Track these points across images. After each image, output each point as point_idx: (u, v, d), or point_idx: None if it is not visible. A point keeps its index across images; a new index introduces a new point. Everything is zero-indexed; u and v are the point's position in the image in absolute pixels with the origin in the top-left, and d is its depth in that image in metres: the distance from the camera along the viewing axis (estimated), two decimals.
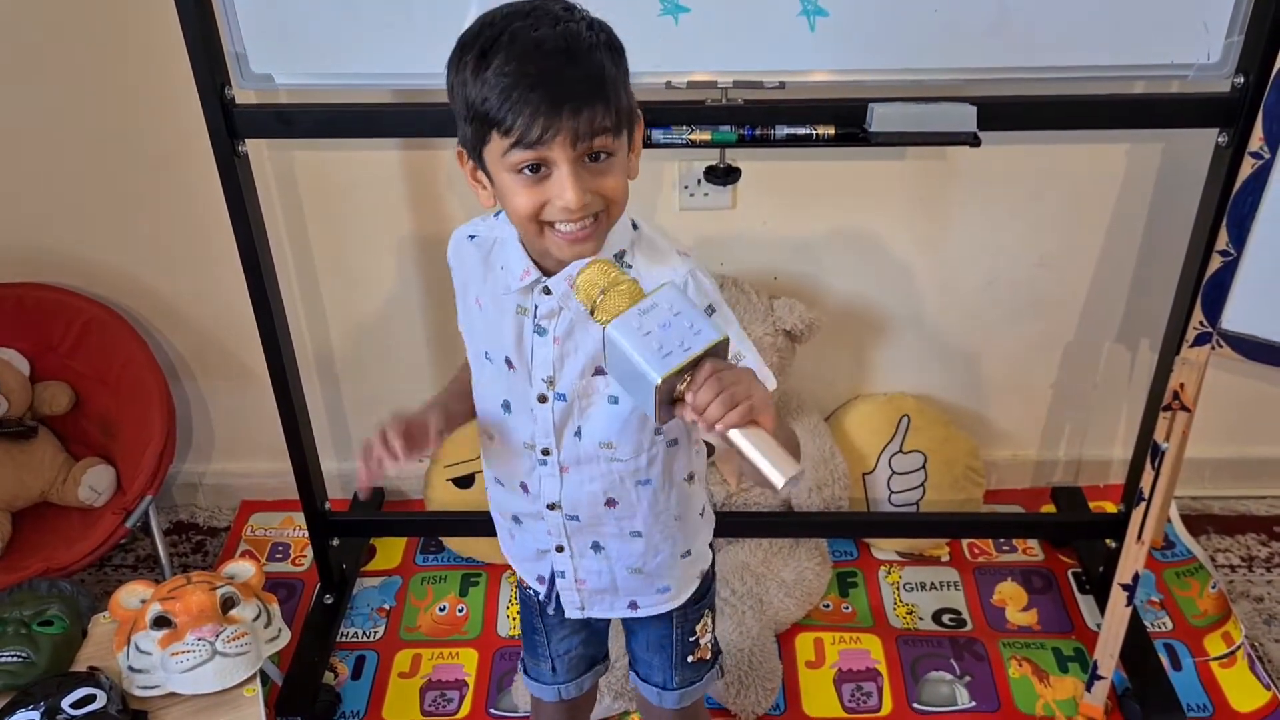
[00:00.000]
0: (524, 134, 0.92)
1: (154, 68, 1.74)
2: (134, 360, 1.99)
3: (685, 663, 1.34)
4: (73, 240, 1.99)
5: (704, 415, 0.87)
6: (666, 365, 0.85)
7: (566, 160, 0.94)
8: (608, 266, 0.94)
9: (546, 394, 1.10)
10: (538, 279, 1.06)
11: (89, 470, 2.00)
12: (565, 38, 0.94)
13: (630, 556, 1.21)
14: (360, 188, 1.90)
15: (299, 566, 2.13)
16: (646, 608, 1.27)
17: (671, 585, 1.26)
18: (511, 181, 0.97)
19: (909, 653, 1.88)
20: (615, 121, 0.96)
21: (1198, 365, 1.58)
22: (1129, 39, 1.48)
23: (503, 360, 1.12)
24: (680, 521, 1.21)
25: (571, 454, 1.13)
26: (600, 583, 1.24)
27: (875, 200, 1.90)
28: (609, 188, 0.98)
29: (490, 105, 0.93)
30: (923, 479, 2.06)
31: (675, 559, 1.24)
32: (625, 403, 1.07)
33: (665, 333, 0.86)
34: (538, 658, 1.40)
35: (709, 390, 0.87)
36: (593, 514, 1.18)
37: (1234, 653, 1.87)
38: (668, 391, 0.87)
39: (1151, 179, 1.87)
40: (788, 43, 1.47)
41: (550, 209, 0.96)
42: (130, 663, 1.56)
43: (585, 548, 1.21)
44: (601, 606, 1.28)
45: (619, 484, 1.15)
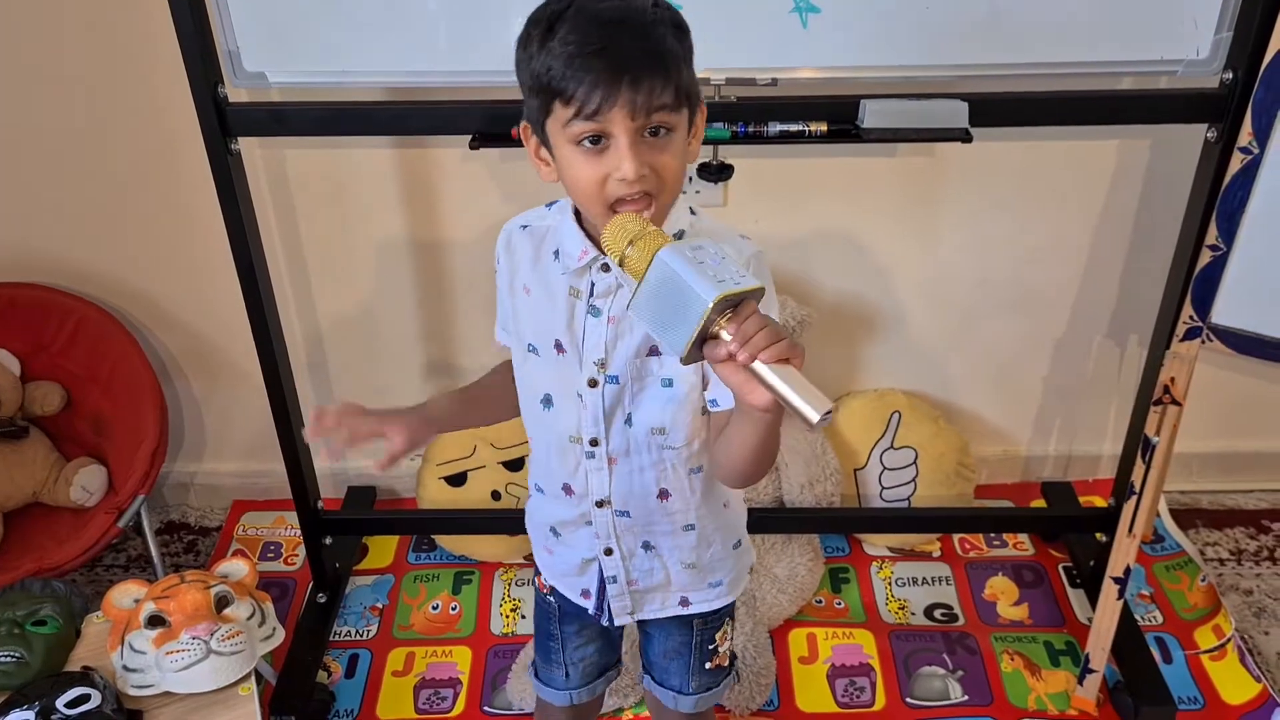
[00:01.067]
0: (584, 103, 0.93)
1: (147, 66, 1.74)
2: (126, 360, 1.98)
3: (703, 669, 1.33)
4: (64, 240, 1.98)
5: (749, 344, 0.86)
6: (721, 288, 0.86)
7: (626, 132, 0.94)
8: (634, 218, 0.93)
9: (597, 378, 1.08)
10: (596, 256, 1.05)
11: (81, 470, 2.00)
12: (627, 11, 0.95)
13: (684, 550, 1.20)
14: (353, 187, 1.90)
15: (291, 566, 2.13)
16: (698, 604, 1.26)
17: (724, 579, 1.25)
18: (572, 154, 0.97)
19: (901, 648, 1.89)
20: (675, 98, 0.96)
21: (1188, 359, 1.60)
22: (1118, 35, 1.49)
23: (551, 346, 1.10)
24: (729, 509, 1.21)
25: (621, 443, 1.11)
26: (652, 580, 1.23)
27: (866, 197, 1.91)
28: (665, 165, 0.97)
29: (554, 75, 0.94)
30: (914, 475, 2.07)
31: (728, 550, 1.23)
32: (680, 384, 1.07)
33: (717, 266, 0.87)
34: (550, 663, 1.38)
35: (756, 322, 0.87)
36: (644, 509, 1.16)
37: (1224, 645, 1.88)
38: (710, 323, 0.87)
39: (1140, 175, 1.88)
40: (780, 40, 1.48)
41: (610, 183, 0.96)
42: (125, 662, 1.56)
43: (636, 547, 1.20)
44: (652, 606, 1.26)
45: (672, 473, 1.13)
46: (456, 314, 2.04)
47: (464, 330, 2.07)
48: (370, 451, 1.16)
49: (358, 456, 2.24)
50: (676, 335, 0.88)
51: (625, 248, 0.91)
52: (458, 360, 2.11)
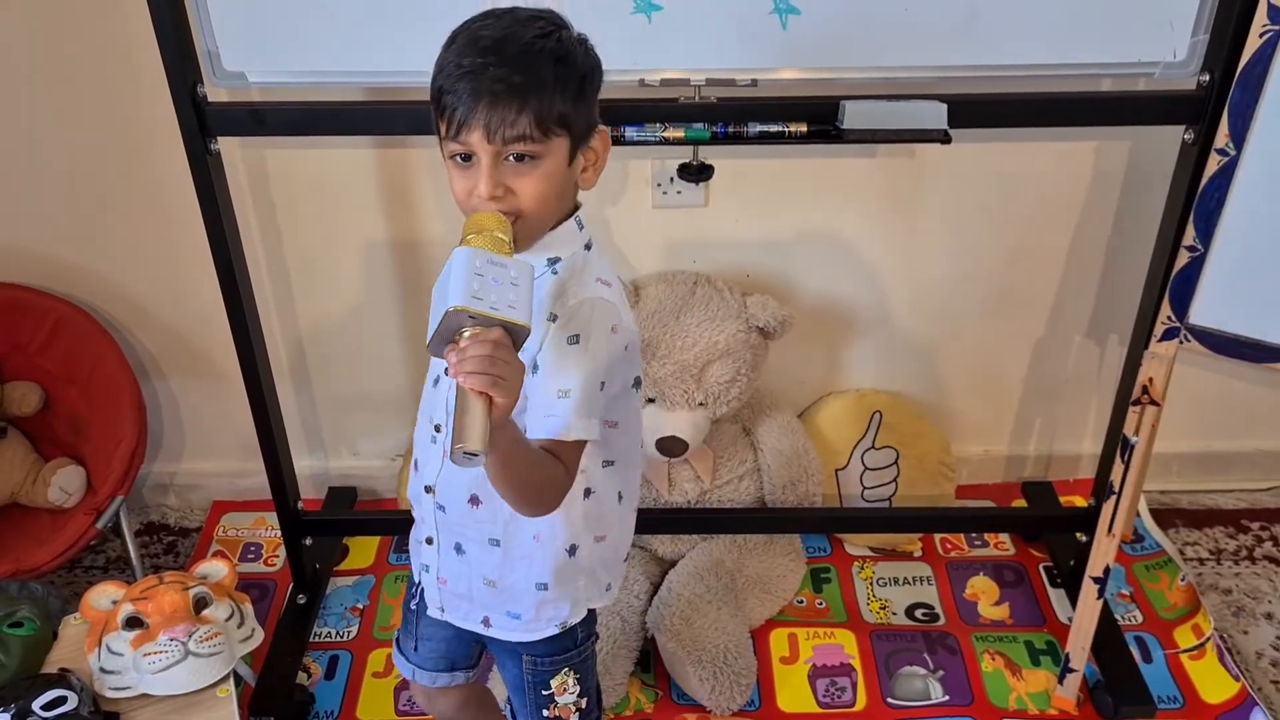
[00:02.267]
0: (449, 121, 0.99)
1: (125, 65, 1.73)
2: (104, 360, 1.97)
3: (541, 715, 1.32)
4: (42, 239, 1.96)
5: (462, 360, 0.91)
6: (472, 304, 0.91)
7: (485, 153, 0.99)
8: (499, 223, 0.99)
9: None
10: None
11: (59, 471, 1.98)
12: (505, 40, 0.99)
13: (487, 565, 1.21)
14: (333, 187, 1.89)
15: (271, 567, 2.12)
16: (497, 628, 1.26)
17: (522, 614, 1.24)
18: (450, 166, 1.04)
19: (883, 648, 1.90)
20: (537, 125, 0.99)
21: (1166, 359, 1.61)
22: (1096, 37, 1.50)
23: None
24: (538, 542, 1.18)
25: None
26: (459, 586, 1.24)
27: (846, 198, 1.92)
28: (525, 189, 1.01)
29: (436, 89, 1.01)
30: (895, 474, 2.08)
31: (529, 586, 1.21)
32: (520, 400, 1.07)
33: (492, 286, 0.92)
34: (406, 632, 1.40)
35: (481, 348, 0.91)
36: (458, 508, 1.18)
37: (1203, 645, 1.89)
38: (454, 326, 0.92)
39: (1119, 176, 1.89)
40: (760, 41, 1.48)
41: (474, 197, 1.02)
42: (102, 664, 1.55)
43: (449, 546, 1.22)
44: (459, 613, 1.28)
45: (482, 480, 1.11)
46: None
47: None
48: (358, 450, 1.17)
49: (342, 458, 2.24)
50: (431, 323, 0.94)
51: (469, 235, 0.98)
52: None
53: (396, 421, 2.18)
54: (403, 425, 2.18)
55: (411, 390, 2.14)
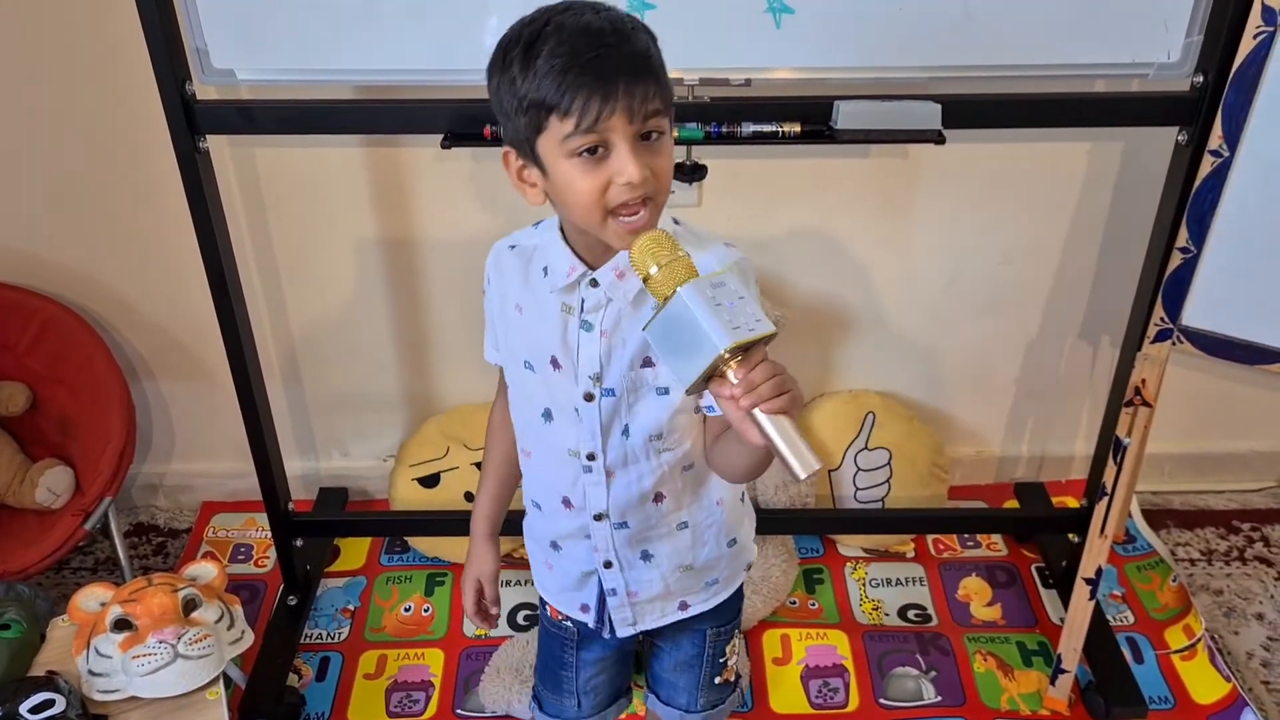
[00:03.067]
0: (582, 114, 0.92)
1: (114, 62, 1.71)
2: (93, 360, 1.96)
3: (712, 684, 1.34)
4: (29, 238, 1.95)
5: (754, 391, 0.88)
6: (734, 336, 0.87)
7: (626, 137, 0.94)
8: (666, 238, 0.93)
9: (593, 391, 1.09)
10: (584, 273, 1.05)
11: (47, 472, 1.97)
12: (610, 20, 0.95)
13: (679, 553, 1.21)
14: (323, 186, 1.88)
15: (262, 568, 2.11)
16: (696, 605, 1.26)
17: (719, 577, 1.26)
18: (570, 168, 0.96)
19: (875, 648, 1.89)
20: (664, 101, 0.96)
21: (1159, 361, 1.61)
22: (1090, 38, 1.49)
23: (547, 362, 1.10)
24: (723, 507, 1.21)
25: (618, 455, 1.12)
26: (651, 590, 1.23)
27: (840, 198, 1.91)
28: (662, 168, 0.97)
29: (545, 92, 0.93)
30: (888, 475, 2.07)
31: (722, 548, 1.23)
32: (676, 391, 1.07)
33: (734, 309, 0.89)
34: (562, 693, 1.36)
35: (764, 371, 0.88)
36: (641, 515, 1.16)
37: (1194, 645, 1.89)
38: (717, 364, 0.89)
39: (1112, 178, 1.89)
40: (754, 40, 1.47)
41: (613, 190, 0.95)
42: (90, 666, 1.54)
43: (635, 558, 1.20)
44: (653, 616, 1.26)
45: (668, 476, 1.14)
46: (429, 313, 2.03)
47: (437, 330, 2.05)
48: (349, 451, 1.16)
49: (333, 459, 2.23)
50: (685, 370, 0.90)
51: (650, 268, 0.92)
52: (430, 360, 2.09)
53: (388, 422, 2.17)
54: (394, 426, 2.17)
55: (403, 390, 2.13)
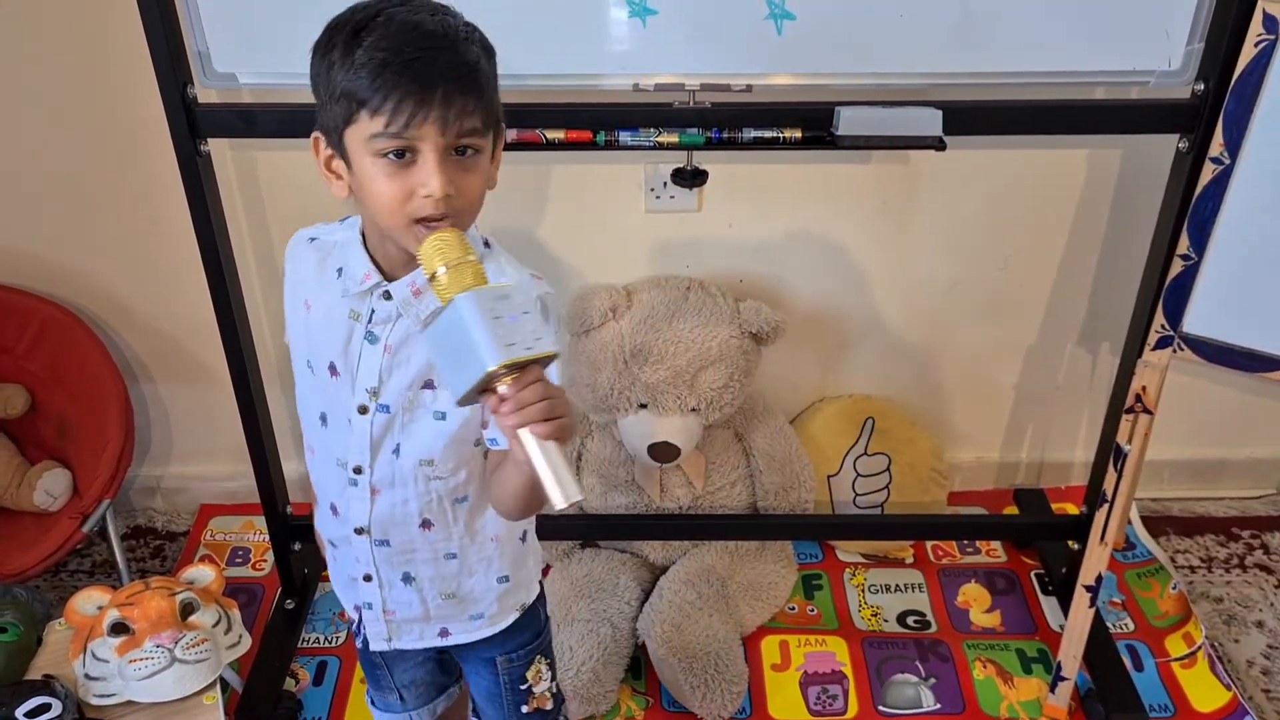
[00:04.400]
0: (393, 114, 0.89)
1: (115, 65, 1.71)
2: (91, 362, 1.96)
3: (520, 713, 1.29)
4: (29, 239, 1.95)
5: (521, 411, 0.86)
6: (508, 354, 0.85)
7: (435, 149, 0.91)
8: (458, 240, 0.90)
9: (368, 405, 1.06)
10: (379, 282, 1.03)
11: (45, 474, 1.97)
12: (443, 24, 0.92)
13: (443, 580, 1.17)
14: (323, 190, 1.86)
15: (259, 571, 2.11)
16: (458, 634, 1.22)
17: (485, 612, 1.21)
18: (374, 168, 0.93)
19: (874, 655, 1.89)
20: (484, 120, 0.94)
21: (1159, 368, 1.60)
22: (1092, 45, 1.49)
23: (325, 367, 1.07)
24: (497, 543, 1.17)
25: (386, 474, 1.08)
26: (410, 612, 1.19)
27: (840, 203, 1.91)
28: (469, 187, 0.95)
29: (360, 84, 0.90)
30: (887, 481, 2.07)
31: (490, 582, 1.19)
32: (453, 419, 1.05)
33: (513, 324, 0.86)
34: (382, 688, 1.34)
35: (534, 392, 0.86)
36: (405, 538, 1.13)
37: (1195, 653, 1.89)
38: (489, 379, 0.86)
39: (1111, 184, 1.89)
40: (755, 46, 1.47)
41: (414, 200, 0.93)
42: (87, 670, 1.53)
43: (395, 578, 1.16)
44: (411, 636, 1.22)
45: (437, 504, 1.10)
46: None
47: None
48: None
49: None
50: (456, 381, 0.88)
51: (438, 267, 0.89)
52: None
53: None
54: None
55: None
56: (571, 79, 1.50)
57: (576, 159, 1.74)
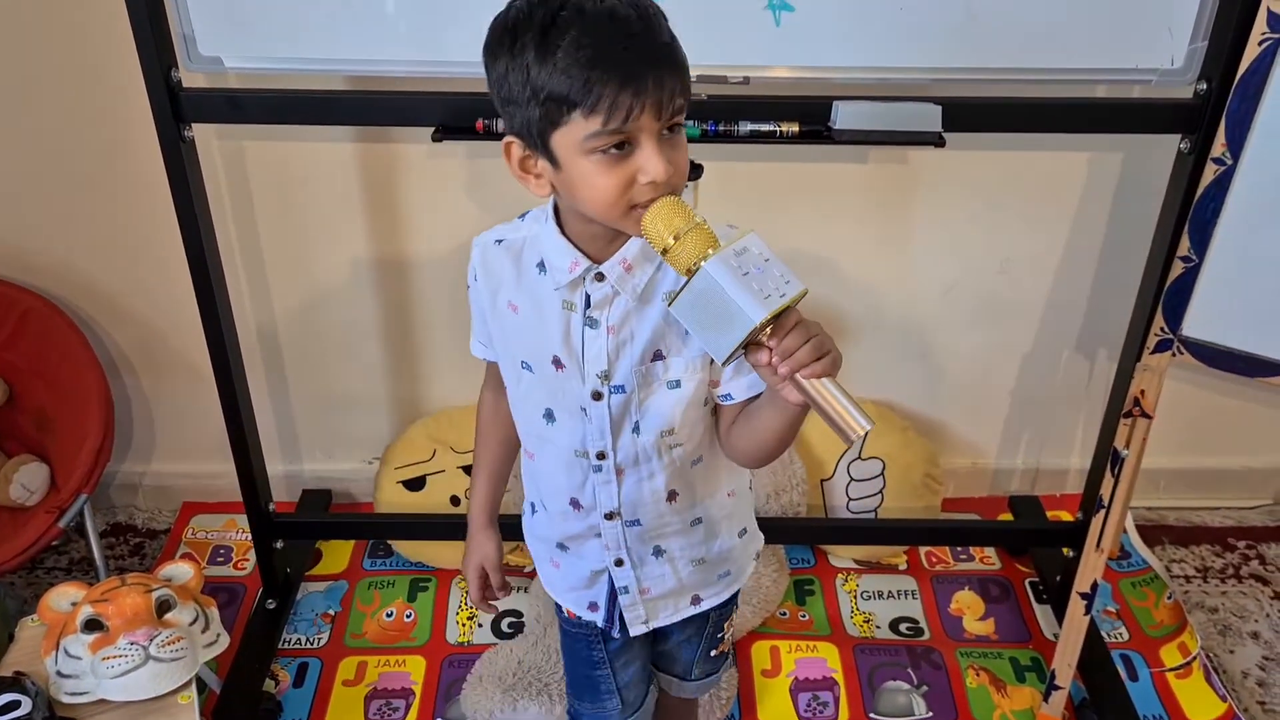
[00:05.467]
0: (610, 112, 0.86)
1: (99, 50, 1.68)
2: (72, 354, 1.92)
3: (709, 656, 1.35)
4: (9, 227, 1.91)
5: (792, 358, 0.86)
6: (768, 306, 0.85)
7: (652, 135, 0.89)
8: (680, 205, 0.89)
9: (602, 390, 1.04)
10: (589, 267, 1.00)
11: (21, 468, 1.92)
12: (634, 6, 0.88)
13: (692, 547, 1.18)
14: (312, 182, 1.85)
15: (241, 570, 2.07)
16: (709, 599, 1.24)
17: (732, 569, 1.24)
18: (591, 165, 0.90)
19: (866, 662, 1.86)
20: (687, 94, 0.92)
21: (1158, 371, 1.58)
22: (1093, 43, 1.47)
23: (548, 363, 1.05)
24: (734, 498, 1.19)
25: (629, 453, 1.08)
26: (664, 586, 1.20)
27: (837, 204, 1.89)
28: (682, 161, 0.93)
29: (569, 86, 0.86)
30: (881, 486, 2.04)
31: (734, 538, 1.21)
32: (688, 384, 1.04)
33: (761, 275, 0.86)
34: (601, 696, 1.31)
35: (798, 336, 0.86)
36: (655, 513, 1.13)
37: (1190, 663, 1.87)
38: (753, 334, 0.87)
39: (1111, 188, 1.87)
40: (753, 37, 1.45)
41: (637, 188, 0.90)
42: (59, 668, 1.49)
43: (646, 554, 1.17)
44: (666, 612, 1.23)
45: (679, 472, 1.11)
46: (416, 312, 2.00)
47: (425, 332, 2.02)
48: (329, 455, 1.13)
49: (316, 460, 2.19)
50: (719, 344, 0.88)
51: (668, 238, 0.88)
52: (417, 362, 2.06)
53: (373, 424, 2.13)
54: (379, 428, 2.13)
55: (389, 391, 2.09)
56: None
57: None
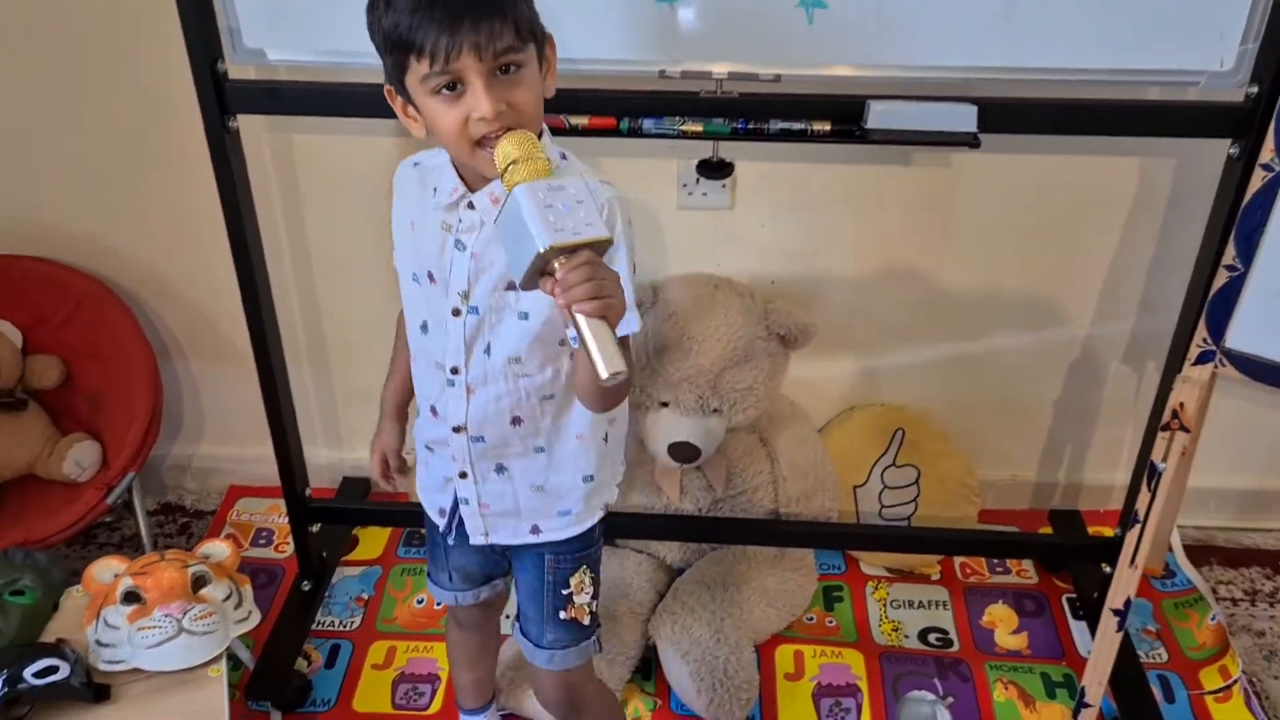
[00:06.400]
0: (434, 54, 0.99)
1: (151, 40, 1.73)
2: (125, 337, 1.99)
3: (557, 618, 1.36)
4: (69, 215, 1.98)
5: (568, 292, 0.94)
6: (556, 238, 0.93)
7: (478, 74, 1.01)
8: (529, 139, 1.00)
9: (460, 308, 1.17)
10: (464, 194, 1.14)
11: (75, 445, 2.00)
12: None
13: (532, 472, 1.27)
14: (355, 176, 1.88)
15: (281, 553, 2.12)
16: (549, 531, 1.32)
17: (572, 509, 1.31)
18: (433, 104, 1.04)
19: (891, 670, 1.84)
20: (517, 36, 1.02)
21: (1200, 384, 1.53)
22: (1138, 43, 1.44)
23: (425, 275, 1.19)
24: (582, 441, 1.26)
25: (479, 372, 1.20)
26: (503, 505, 1.29)
27: (878, 207, 1.87)
28: (520, 100, 1.04)
29: (401, 31, 1.01)
30: (915, 494, 2.02)
31: (577, 480, 1.29)
32: (535, 318, 1.15)
33: (564, 213, 0.95)
34: (438, 567, 1.47)
35: (580, 273, 0.94)
36: (499, 434, 1.23)
37: (1230, 687, 1.81)
38: (544, 262, 0.95)
39: (1164, 197, 1.82)
40: (785, 35, 1.44)
41: (471, 124, 1.03)
42: (98, 636, 1.55)
43: (489, 470, 1.27)
44: (505, 531, 1.32)
45: (525, 400, 1.21)
46: None
47: None
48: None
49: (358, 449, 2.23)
50: (515, 265, 0.97)
51: (509, 164, 0.99)
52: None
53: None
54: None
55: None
56: (597, 65, 1.48)
57: (609, 153, 1.73)
